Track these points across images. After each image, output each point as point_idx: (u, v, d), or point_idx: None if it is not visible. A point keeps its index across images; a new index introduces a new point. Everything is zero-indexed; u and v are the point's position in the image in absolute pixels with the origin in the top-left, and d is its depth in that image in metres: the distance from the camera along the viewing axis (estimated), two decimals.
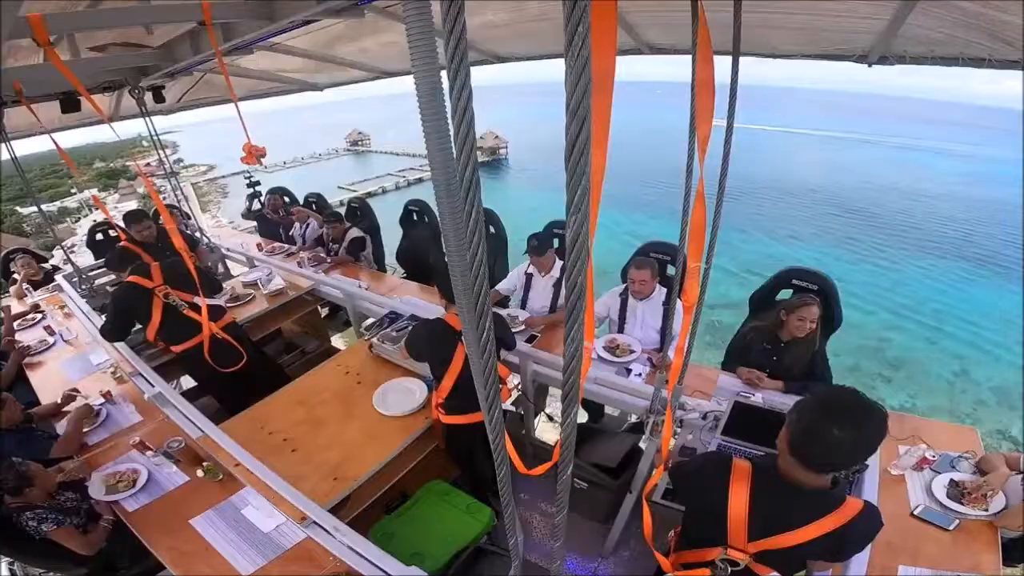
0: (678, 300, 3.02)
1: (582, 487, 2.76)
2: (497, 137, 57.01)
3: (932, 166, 56.87)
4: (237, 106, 2.54)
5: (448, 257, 0.53)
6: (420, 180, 47.09)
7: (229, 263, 5.24)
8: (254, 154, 2.70)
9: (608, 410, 3.64)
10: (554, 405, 4.21)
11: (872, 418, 1.19)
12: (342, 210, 5.10)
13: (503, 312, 3.34)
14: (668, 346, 2.86)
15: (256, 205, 6.17)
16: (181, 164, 63.39)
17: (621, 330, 3.12)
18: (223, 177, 54.06)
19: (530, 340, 3.11)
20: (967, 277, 25.56)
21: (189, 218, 5.39)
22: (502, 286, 3.57)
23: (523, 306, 3.54)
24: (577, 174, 0.46)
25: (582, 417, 3.83)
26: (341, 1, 1.87)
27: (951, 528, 1.99)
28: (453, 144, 0.45)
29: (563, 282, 0.60)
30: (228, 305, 3.69)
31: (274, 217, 5.44)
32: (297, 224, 5.16)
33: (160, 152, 4.01)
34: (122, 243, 3.80)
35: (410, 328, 2.84)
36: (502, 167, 54.36)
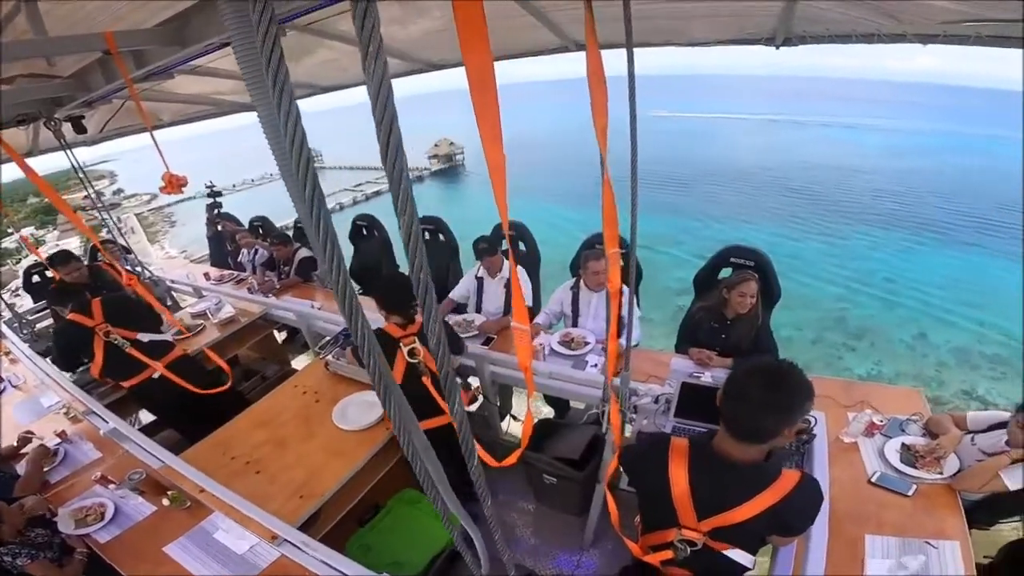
0: (628, 290, 3.14)
1: (551, 482, 2.78)
2: (452, 144, 56.87)
3: (859, 142, 60.08)
4: (152, 135, 2.46)
5: (320, 271, 0.54)
6: (378, 193, 46.55)
7: (179, 295, 5.03)
8: (175, 183, 2.60)
9: (575, 404, 3.69)
10: (521, 405, 4.23)
11: (793, 384, 1.22)
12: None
13: (459, 317, 3.34)
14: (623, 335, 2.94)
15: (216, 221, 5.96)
16: (122, 194, 60.60)
17: (575, 323, 3.16)
18: (169, 206, 51.97)
19: (487, 343, 3.13)
20: (909, 245, 26.95)
21: (129, 252, 5.18)
22: (455, 293, 3.58)
23: (477, 310, 3.55)
24: (395, 179, 0.47)
25: (547, 413, 3.87)
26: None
27: (910, 494, 2.01)
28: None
29: (413, 278, 0.60)
30: (177, 338, 3.58)
31: (234, 245, 5.28)
32: (244, 250, 5.02)
33: (88, 187, 3.83)
34: (56, 282, 3.67)
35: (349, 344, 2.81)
36: (460, 173, 54.29)
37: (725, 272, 2.99)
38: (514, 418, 3.87)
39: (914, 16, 1.86)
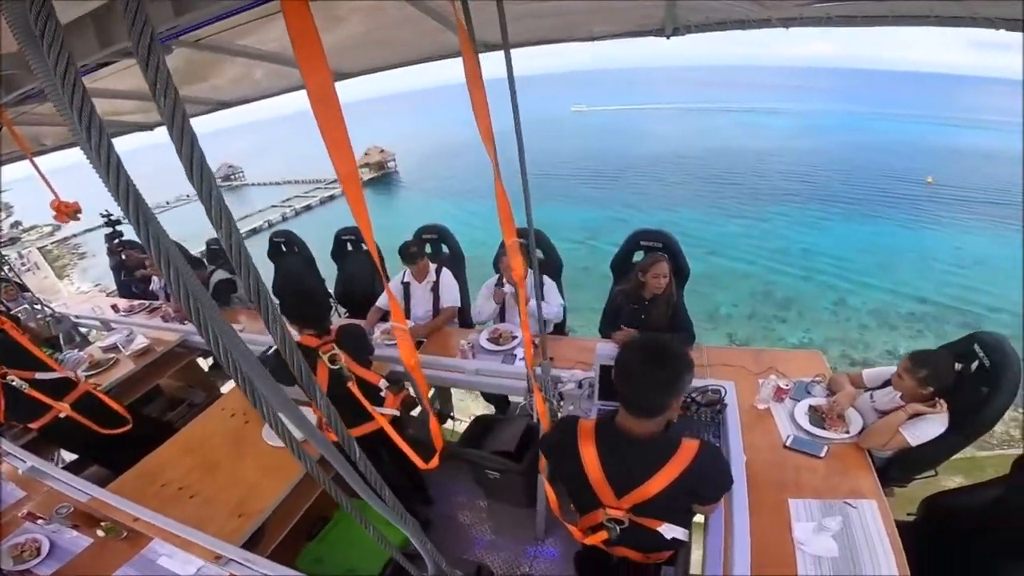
0: (549, 279, 3.25)
1: (495, 477, 2.79)
2: (383, 151, 55.60)
3: (767, 126, 64.34)
4: (33, 161, 2.30)
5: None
6: (308, 208, 44.89)
7: (93, 329, 4.71)
8: (65, 211, 2.44)
9: (515, 399, 3.75)
10: (459, 405, 4.28)
11: (671, 358, 1.29)
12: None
13: (387, 325, 3.34)
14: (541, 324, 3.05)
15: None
16: (20, 227, 55.10)
17: (503, 319, 3.24)
18: (75, 236, 47.69)
19: (417, 347, 3.12)
20: (819, 219, 29.00)
21: (26, 290, 4.77)
22: (382, 301, 3.54)
23: (407, 315, 3.53)
24: (204, 194, 0.51)
25: (488, 409, 3.93)
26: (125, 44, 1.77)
27: (823, 455, 2.10)
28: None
29: (244, 287, 0.61)
30: (88, 373, 3.41)
31: (141, 273, 4.94)
32: (155, 277, 4.74)
33: None
34: None
35: (264, 357, 2.74)
36: (393, 181, 53.25)
37: (639, 255, 3.15)
38: (453, 419, 3.91)
39: (777, 3, 2.00)
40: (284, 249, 4.54)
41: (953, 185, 32.92)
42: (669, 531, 1.53)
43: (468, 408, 5.60)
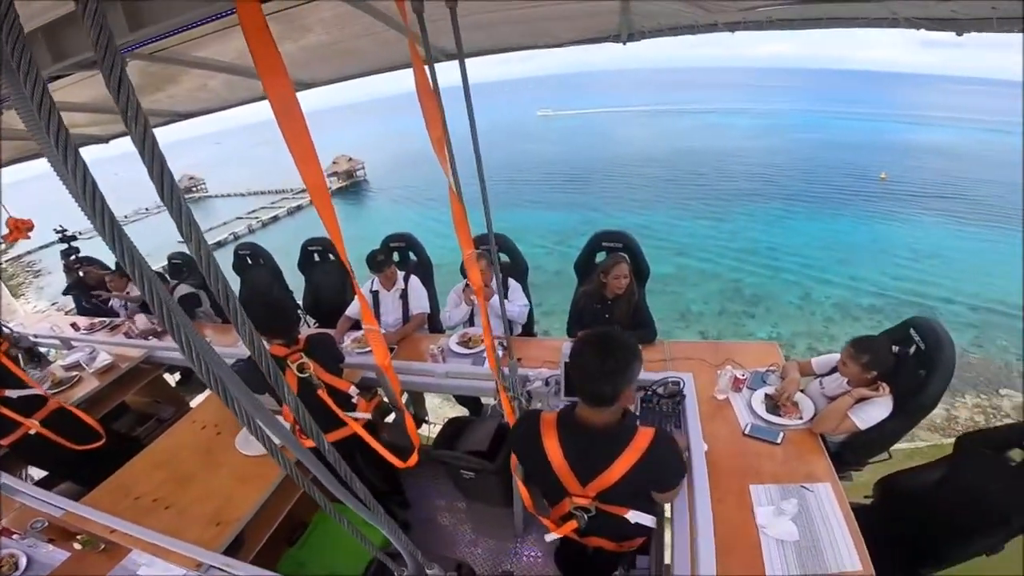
0: (515, 282, 3.32)
1: (470, 476, 2.83)
2: (351, 160, 54.78)
3: (730, 125, 65.88)
4: None
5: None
6: (276, 219, 43.93)
7: (55, 348, 4.56)
8: (20, 229, 2.39)
9: (487, 400, 3.80)
10: (436, 411, 4.30)
11: (619, 349, 1.35)
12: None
13: (358, 334, 3.36)
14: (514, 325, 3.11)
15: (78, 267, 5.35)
16: None
17: (472, 323, 3.29)
18: (28, 253, 45.55)
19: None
20: (782, 216, 29.80)
21: None
22: (351, 311, 3.56)
23: (377, 324, 3.55)
24: (175, 208, 0.55)
25: (461, 412, 3.97)
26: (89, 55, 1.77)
27: (779, 442, 2.18)
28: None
29: (216, 294, 0.64)
30: (52, 391, 3.34)
31: (104, 295, 4.80)
32: (115, 295, 4.61)
33: None
34: None
35: (237, 368, 2.74)
36: (362, 190, 52.57)
37: (601, 256, 3.25)
38: (428, 423, 3.94)
39: (720, 5, 2.08)
40: (250, 262, 4.50)
41: (906, 181, 34.30)
42: (635, 517, 1.59)
43: (443, 413, 5.61)
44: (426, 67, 1.39)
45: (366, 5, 1.91)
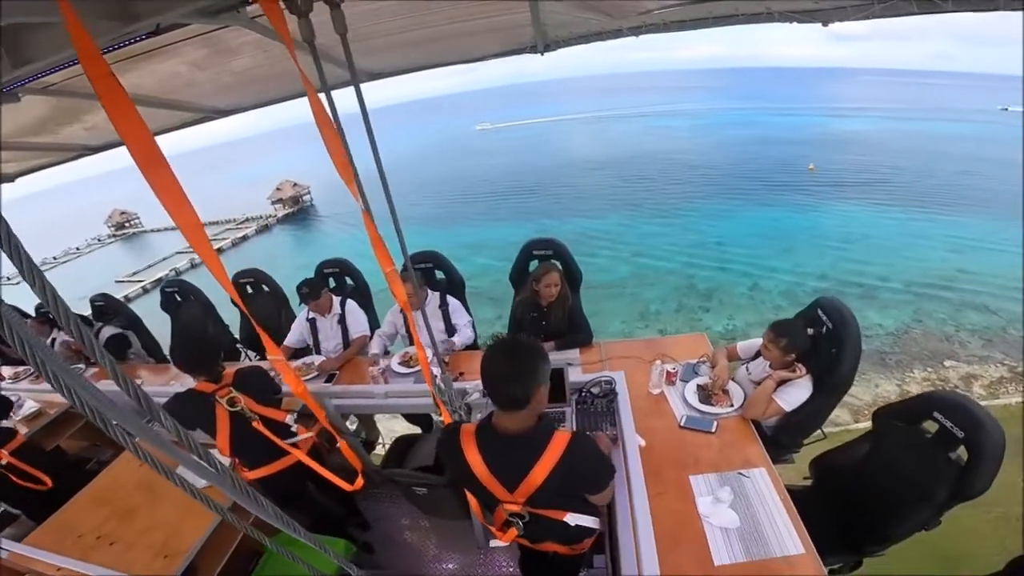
0: (454, 299, 3.32)
1: (423, 492, 2.80)
2: (296, 185, 53.28)
3: (670, 126, 68.48)
4: None
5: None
6: (220, 251, 42.21)
7: None
8: None
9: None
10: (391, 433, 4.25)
11: (524, 352, 1.38)
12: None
13: (298, 363, 3.30)
14: (456, 336, 3.11)
15: None
16: None
17: (412, 342, 3.26)
18: None
19: (330, 380, 3.12)
20: (725, 211, 31.02)
21: None
22: (289, 340, 3.50)
23: (317, 351, 3.49)
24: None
25: (412, 429, 3.93)
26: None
27: (714, 431, 2.23)
28: None
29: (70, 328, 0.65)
30: None
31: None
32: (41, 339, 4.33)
33: None
34: None
35: (164, 407, 2.62)
36: (310, 215, 51.21)
37: (535, 264, 3.29)
38: (383, 444, 3.88)
39: (622, 11, 2.17)
40: (179, 299, 4.35)
41: (831, 170, 36.53)
42: (574, 519, 1.61)
43: (397, 433, 5.54)
44: (324, 94, 1.39)
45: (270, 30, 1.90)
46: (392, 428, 4.73)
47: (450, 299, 3.26)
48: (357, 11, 1.90)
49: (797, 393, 2.26)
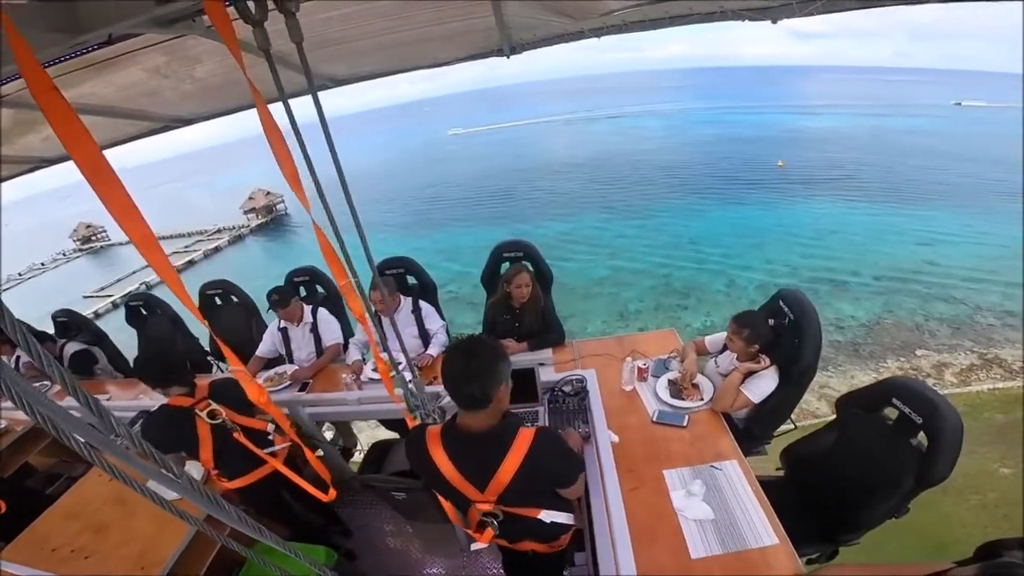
0: (427, 304, 3.32)
1: (402, 497, 2.79)
2: (269, 193, 52.28)
3: (642, 127, 69.07)
4: None
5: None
6: (192, 263, 41.23)
7: None
8: None
9: None
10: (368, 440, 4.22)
11: (481, 351, 1.39)
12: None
13: (270, 372, 3.26)
14: (430, 345, 3.10)
15: None
16: None
17: (385, 348, 3.25)
18: None
19: (303, 388, 3.10)
20: (698, 209, 31.46)
21: None
22: (261, 350, 3.44)
23: (290, 360, 3.45)
24: None
25: (389, 435, 3.91)
26: None
27: (685, 425, 2.26)
28: None
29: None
30: None
31: None
32: (3, 358, 4.19)
33: None
34: None
35: (141, 428, 2.55)
36: (284, 224, 50.32)
37: (506, 266, 3.31)
38: (361, 451, 3.86)
39: (584, 12, 2.19)
40: (144, 312, 4.25)
41: (800, 167, 37.43)
42: (549, 516, 1.62)
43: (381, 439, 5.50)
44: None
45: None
46: (376, 435, 4.69)
47: (423, 304, 3.26)
48: (317, 18, 1.91)
49: (764, 384, 2.32)
